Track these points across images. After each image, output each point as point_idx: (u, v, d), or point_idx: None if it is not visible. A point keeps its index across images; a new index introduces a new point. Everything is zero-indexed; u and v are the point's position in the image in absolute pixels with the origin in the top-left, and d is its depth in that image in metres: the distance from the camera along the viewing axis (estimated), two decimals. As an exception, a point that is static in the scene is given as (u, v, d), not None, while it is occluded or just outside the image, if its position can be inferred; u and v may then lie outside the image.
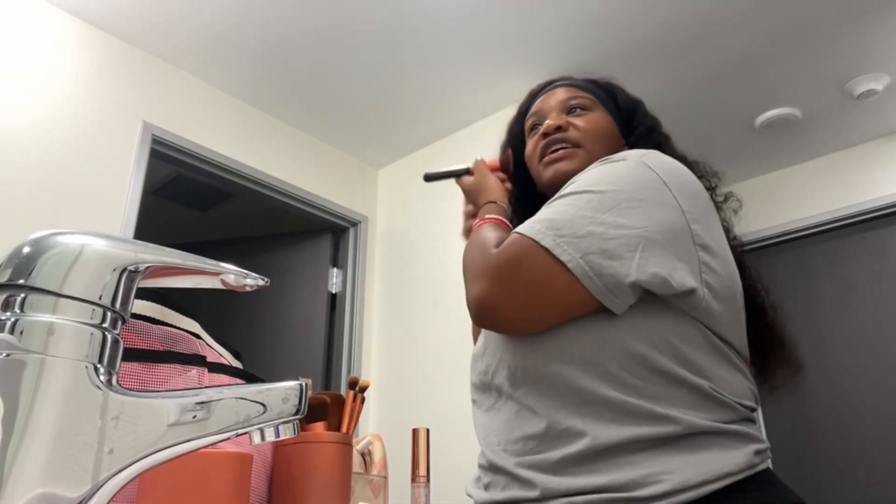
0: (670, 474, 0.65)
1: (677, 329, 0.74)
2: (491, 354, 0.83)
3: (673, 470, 0.66)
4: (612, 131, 0.97)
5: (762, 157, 3.36)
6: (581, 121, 0.95)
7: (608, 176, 0.79)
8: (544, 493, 0.70)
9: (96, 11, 2.37)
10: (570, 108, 0.97)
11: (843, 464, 2.96)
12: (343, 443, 0.83)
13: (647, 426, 0.68)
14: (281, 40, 2.52)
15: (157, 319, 0.77)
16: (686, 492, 0.64)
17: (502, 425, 0.79)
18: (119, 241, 0.38)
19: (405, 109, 2.93)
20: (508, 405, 0.79)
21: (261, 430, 0.39)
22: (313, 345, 2.95)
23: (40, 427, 0.32)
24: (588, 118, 0.96)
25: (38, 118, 2.20)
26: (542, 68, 2.66)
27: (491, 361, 0.83)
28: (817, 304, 3.22)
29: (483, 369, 0.84)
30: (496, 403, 0.82)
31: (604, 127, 0.96)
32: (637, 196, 0.76)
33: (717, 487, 0.65)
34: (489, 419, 0.82)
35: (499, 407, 0.81)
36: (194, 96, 2.68)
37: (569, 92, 0.99)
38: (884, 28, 2.47)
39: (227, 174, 2.72)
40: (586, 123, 0.95)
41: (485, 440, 0.83)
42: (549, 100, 1.00)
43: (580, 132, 0.94)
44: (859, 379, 3.01)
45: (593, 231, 0.74)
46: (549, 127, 0.94)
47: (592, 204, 0.76)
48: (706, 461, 0.67)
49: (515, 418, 0.77)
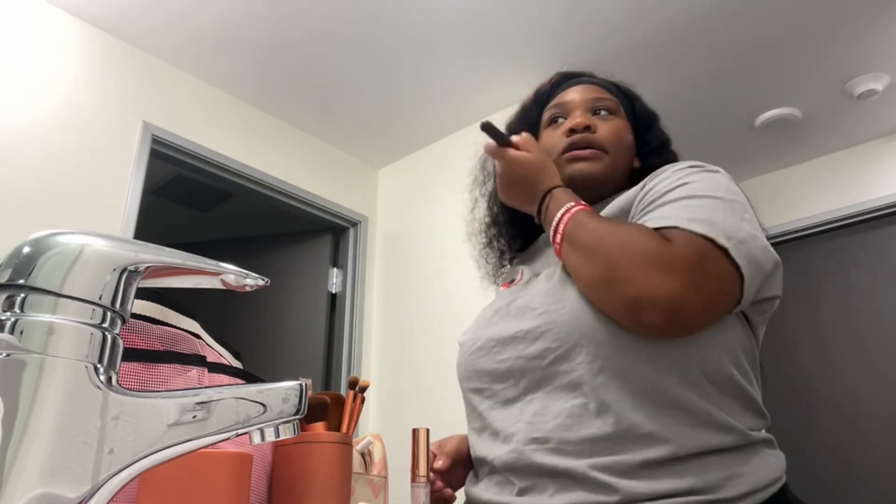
0: (742, 477, 0.69)
1: (741, 338, 0.78)
2: (554, 339, 0.77)
3: (742, 473, 0.70)
4: (631, 141, 0.97)
5: (762, 157, 3.36)
6: (607, 125, 0.94)
7: (720, 185, 0.80)
8: (626, 497, 0.68)
9: (96, 11, 2.37)
10: (596, 110, 0.96)
11: (843, 463, 2.96)
12: (343, 443, 0.83)
13: (719, 435, 0.72)
14: (281, 40, 2.52)
15: (157, 319, 0.77)
16: (759, 493, 0.69)
17: (548, 421, 0.75)
18: (119, 241, 0.38)
19: (405, 109, 2.93)
20: (564, 397, 0.75)
21: (261, 430, 0.39)
22: (313, 345, 2.95)
23: (40, 427, 0.32)
24: (613, 124, 0.95)
25: (38, 118, 2.20)
26: (543, 68, 2.65)
27: (554, 346, 0.76)
28: (817, 304, 3.22)
29: (532, 353, 0.78)
30: (526, 395, 0.79)
31: (625, 136, 0.96)
32: (749, 209, 0.79)
33: (776, 490, 0.71)
34: (512, 413, 0.79)
35: (533, 399, 0.78)
36: (194, 96, 2.68)
37: (596, 91, 0.97)
38: (884, 28, 2.47)
39: (227, 174, 2.72)
40: (612, 129, 0.94)
41: (503, 436, 0.79)
42: (573, 95, 0.98)
43: (607, 137, 0.93)
44: (859, 378, 3.01)
45: (746, 238, 0.74)
46: (579, 125, 0.92)
47: (730, 210, 0.76)
48: (763, 466, 0.72)
49: (579, 414, 0.73)
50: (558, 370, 0.76)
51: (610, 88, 1.00)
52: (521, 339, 0.80)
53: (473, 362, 0.86)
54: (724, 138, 3.17)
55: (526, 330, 0.80)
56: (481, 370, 0.85)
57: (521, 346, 0.80)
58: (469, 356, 0.88)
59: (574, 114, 0.95)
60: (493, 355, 0.83)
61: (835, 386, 3.07)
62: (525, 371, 0.79)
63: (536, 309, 0.81)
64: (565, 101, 0.98)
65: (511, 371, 0.81)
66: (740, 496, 0.67)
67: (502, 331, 0.84)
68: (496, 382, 0.83)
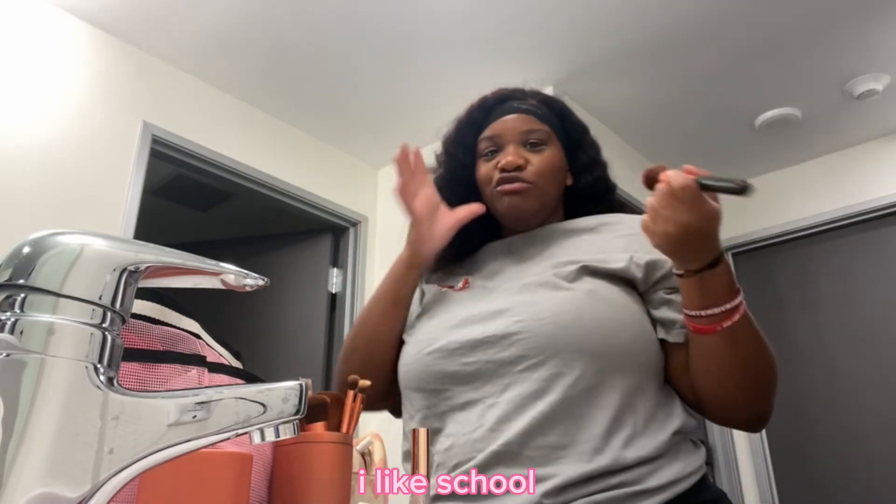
0: (664, 470, 0.83)
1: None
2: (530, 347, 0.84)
3: (665, 467, 0.84)
4: (563, 166, 1.01)
5: (762, 157, 3.36)
6: (538, 158, 0.97)
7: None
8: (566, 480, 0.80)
9: (96, 12, 2.37)
10: (528, 142, 0.99)
11: (842, 462, 2.96)
12: (343, 443, 0.83)
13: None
14: (281, 40, 2.52)
15: (157, 319, 0.77)
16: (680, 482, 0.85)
17: (511, 427, 0.85)
18: (119, 241, 0.38)
19: (405, 109, 2.92)
20: (529, 404, 0.84)
21: (261, 430, 0.39)
22: (313, 345, 2.95)
23: (40, 427, 0.32)
24: (544, 156, 0.98)
25: (37, 118, 2.20)
26: (543, 68, 2.66)
27: (530, 354, 0.85)
28: (817, 304, 3.22)
29: (505, 359, 0.86)
30: (489, 398, 0.87)
31: (557, 164, 0.99)
32: None
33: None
34: (473, 416, 0.87)
35: (496, 403, 0.87)
36: (194, 96, 2.68)
37: (528, 122, 0.99)
38: (884, 28, 2.47)
39: (227, 174, 2.72)
40: (543, 162, 0.97)
41: (461, 440, 0.85)
42: (506, 125, 1.00)
43: (536, 172, 0.96)
44: (859, 378, 3.01)
45: None
46: (509, 164, 0.96)
47: None
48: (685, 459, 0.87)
49: (542, 422, 0.85)
50: (530, 377, 0.81)
51: (540, 114, 1.01)
52: (491, 343, 0.84)
53: (431, 363, 0.89)
54: (724, 138, 3.17)
55: (500, 335, 0.84)
56: (440, 372, 0.87)
57: (490, 350, 0.84)
58: (426, 356, 0.90)
59: (506, 150, 0.98)
60: (457, 357, 0.86)
61: (834, 386, 3.07)
62: (493, 375, 0.83)
63: (512, 316, 0.85)
64: (497, 134, 1.00)
65: (478, 374, 0.84)
66: (664, 485, 0.78)
67: (469, 334, 0.86)
68: (457, 385, 0.86)
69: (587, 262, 0.89)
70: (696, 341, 0.81)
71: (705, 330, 0.78)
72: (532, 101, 1.03)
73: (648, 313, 0.88)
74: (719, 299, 0.76)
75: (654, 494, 0.76)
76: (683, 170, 0.75)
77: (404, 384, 0.94)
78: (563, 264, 0.90)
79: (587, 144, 1.05)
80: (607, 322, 0.83)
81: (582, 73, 2.69)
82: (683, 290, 0.79)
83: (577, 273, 0.88)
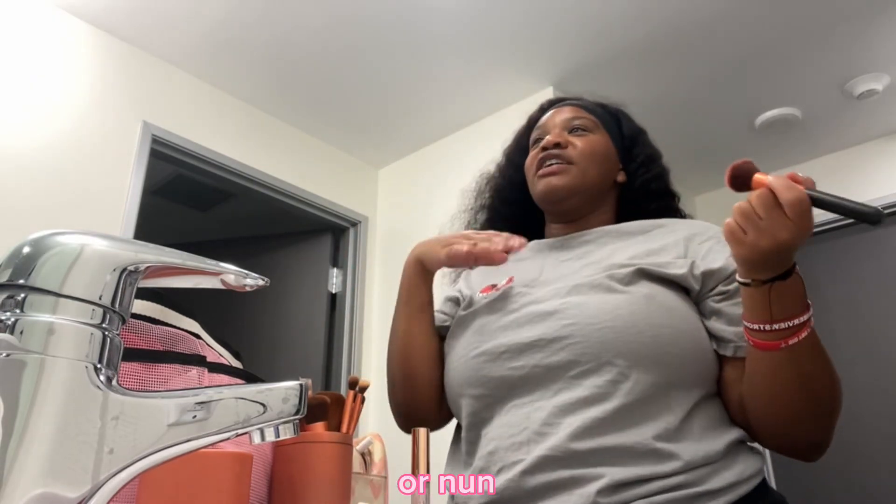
0: (726, 471, 0.81)
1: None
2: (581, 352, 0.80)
3: (727, 466, 0.81)
4: (609, 155, 1.01)
5: (762, 157, 3.36)
6: (580, 140, 0.99)
7: None
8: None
9: (96, 12, 2.37)
10: (573, 128, 1.01)
11: (842, 462, 2.96)
12: (343, 443, 0.83)
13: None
14: (281, 40, 2.52)
15: (157, 319, 0.77)
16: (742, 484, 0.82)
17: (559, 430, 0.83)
18: (119, 241, 0.38)
19: (405, 109, 2.93)
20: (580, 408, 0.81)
21: (261, 430, 0.39)
22: (313, 345, 2.95)
23: (40, 427, 0.32)
24: (587, 139, 0.99)
25: (37, 118, 2.20)
26: (543, 68, 2.66)
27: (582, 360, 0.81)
28: (818, 304, 3.18)
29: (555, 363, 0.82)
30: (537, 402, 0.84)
31: (600, 149, 0.99)
32: None
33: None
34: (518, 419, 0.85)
35: (542, 406, 0.85)
36: (194, 96, 2.68)
37: (574, 111, 1.02)
38: (884, 28, 2.47)
39: (227, 174, 2.72)
40: (584, 143, 0.98)
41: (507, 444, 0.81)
42: (554, 117, 1.03)
43: (577, 151, 0.97)
44: (860, 378, 3.01)
45: None
46: (549, 142, 0.98)
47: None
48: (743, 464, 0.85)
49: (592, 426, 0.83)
50: (581, 383, 0.77)
51: (591, 108, 1.04)
52: (541, 347, 0.80)
53: (478, 367, 0.85)
54: (724, 138, 3.17)
55: (550, 338, 0.80)
56: (487, 377, 0.84)
57: (539, 354, 0.80)
58: (472, 360, 0.86)
59: (551, 133, 1.00)
60: (505, 361, 0.82)
61: (835, 386, 3.07)
62: (543, 379, 0.79)
63: (562, 319, 0.81)
64: (545, 124, 1.04)
65: (527, 378, 0.81)
66: (725, 487, 0.74)
67: (517, 337, 0.83)
68: (505, 389, 0.82)
69: (644, 264, 0.84)
70: (756, 358, 0.74)
71: (768, 346, 0.71)
72: (585, 99, 1.07)
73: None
74: (788, 313, 0.70)
75: (716, 496, 0.72)
76: (788, 177, 0.67)
77: (450, 390, 0.90)
78: (617, 266, 0.85)
79: (643, 144, 1.05)
80: (664, 329, 0.78)
81: (582, 73, 2.69)
82: (747, 301, 0.72)
83: (632, 276, 0.83)
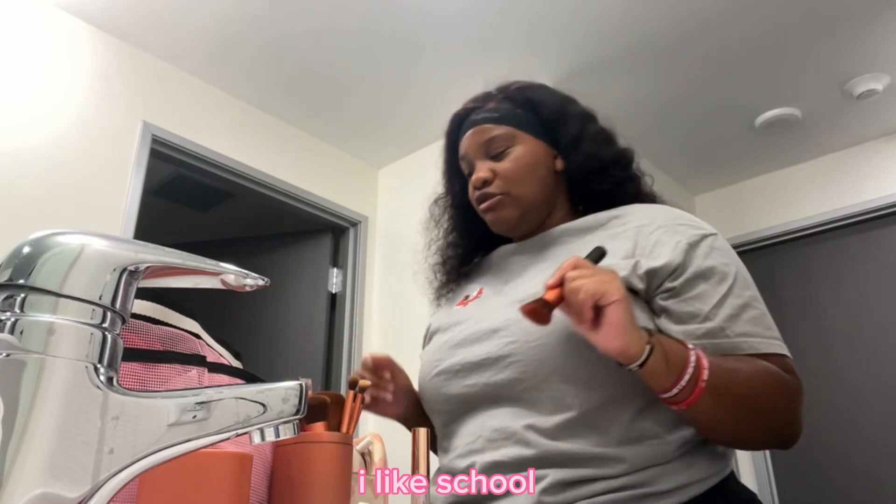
0: (668, 475, 0.80)
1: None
2: (523, 370, 0.82)
3: (668, 472, 0.81)
4: (538, 156, 0.95)
5: (762, 157, 3.36)
6: (504, 165, 0.94)
7: (733, 255, 0.85)
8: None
9: (97, 12, 2.37)
10: (493, 153, 0.95)
11: (843, 462, 2.96)
12: (343, 443, 0.83)
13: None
14: (281, 40, 2.52)
15: (157, 319, 0.77)
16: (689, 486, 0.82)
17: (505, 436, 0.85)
18: (119, 241, 0.38)
19: (405, 109, 2.92)
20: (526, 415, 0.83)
21: (261, 430, 0.39)
22: (313, 345, 2.95)
23: (40, 427, 0.32)
24: (511, 158, 0.94)
25: (37, 118, 2.20)
26: (543, 68, 2.66)
27: (524, 377, 0.83)
28: (817, 304, 3.22)
29: (501, 381, 0.84)
30: (488, 410, 0.86)
31: (528, 160, 0.94)
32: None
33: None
34: (473, 428, 0.88)
35: (495, 413, 0.86)
36: (194, 96, 2.68)
37: (484, 133, 0.96)
38: (884, 28, 2.47)
39: (227, 174, 2.72)
40: (510, 167, 0.93)
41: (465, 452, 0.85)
42: (470, 141, 0.98)
43: (504, 180, 0.93)
44: (860, 378, 3.01)
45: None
46: (477, 181, 0.95)
47: (756, 294, 0.82)
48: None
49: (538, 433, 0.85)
50: (528, 397, 0.80)
51: (498, 116, 0.96)
52: (488, 365, 0.83)
53: (439, 385, 0.89)
54: (724, 138, 3.17)
55: (495, 357, 0.82)
56: (448, 394, 0.88)
57: (488, 372, 0.83)
58: (433, 379, 0.90)
59: (476, 166, 0.97)
60: (459, 380, 0.86)
61: (835, 386, 3.07)
62: (495, 396, 0.83)
63: (504, 336, 0.83)
64: (466, 153, 0.99)
65: (480, 395, 0.84)
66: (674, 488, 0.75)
67: (468, 355, 0.86)
68: (464, 405, 0.86)
69: None
70: (686, 413, 0.74)
71: (689, 402, 0.71)
72: (491, 103, 0.99)
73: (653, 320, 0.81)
74: (666, 386, 0.71)
75: (663, 497, 0.72)
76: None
77: (423, 405, 0.96)
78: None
79: (570, 117, 0.97)
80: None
81: (582, 73, 2.69)
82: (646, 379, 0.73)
83: None
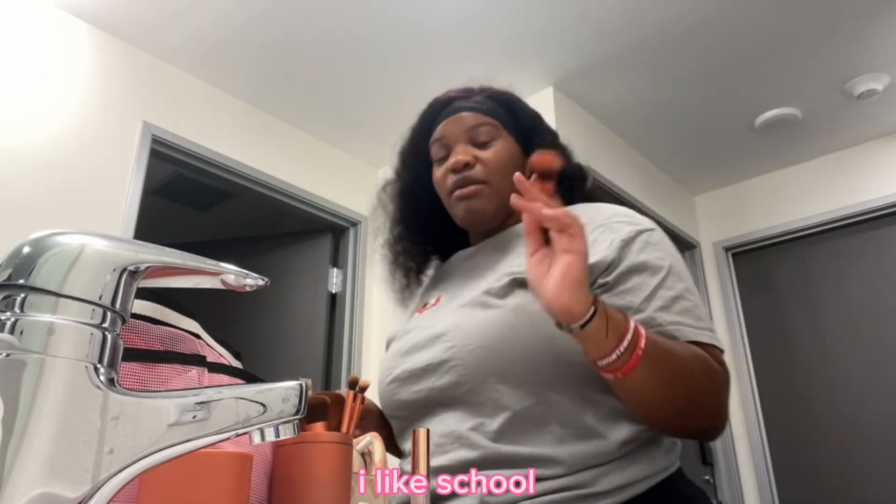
0: (610, 475, 0.81)
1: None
2: (462, 374, 0.83)
3: (609, 472, 0.81)
4: (514, 157, 0.96)
5: (762, 157, 3.36)
6: (488, 154, 0.94)
7: (669, 249, 0.85)
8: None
9: (96, 11, 2.37)
10: (478, 141, 0.95)
11: (843, 462, 2.96)
12: (343, 443, 0.83)
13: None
14: (281, 40, 2.52)
15: (157, 319, 0.77)
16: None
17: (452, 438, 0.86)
18: (119, 241, 0.38)
19: (405, 109, 2.92)
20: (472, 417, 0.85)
21: (261, 430, 0.39)
22: (313, 345, 2.95)
23: (40, 427, 0.32)
24: (494, 151, 0.94)
25: (37, 118, 2.20)
26: (543, 68, 2.66)
27: (463, 381, 0.84)
28: (817, 304, 3.22)
29: (443, 385, 0.86)
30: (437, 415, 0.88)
31: (508, 158, 0.95)
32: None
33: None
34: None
35: (444, 418, 0.87)
36: (194, 96, 2.68)
37: (472, 119, 0.96)
38: (884, 28, 2.47)
39: (227, 174, 2.72)
40: (493, 158, 0.94)
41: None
42: (453, 126, 0.97)
43: (487, 168, 0.93)
44: (859, 378, 3.01)
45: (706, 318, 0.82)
46: (458, 163, 0.93)
47: (690, 286, 0.82)
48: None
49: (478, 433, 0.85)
50: (469, 400, 0.81)
51: (486, 108, 0.97)
52: (431, 371, 0.85)
53: (392, 392, 0.90)
54: (724, 138, 3.17)
55: (437, 362, 0.84)
56: (400, 401, 0.89)
57: (431, 378, 0.84)
58: (387, 386, 0.92)
59: (455, 150, 0.95)
60: (408, 386, 0.87)
61: (835, 385, 3.07)
62: (440, 400, 0.84)
63: (445, 341, 0.84)
64: (445, 135, 0.97)
65: (427, 401, 0.85)
66: (613, 489, 0.74)
67: (415, 362, 0.87)
68: (414, 411, 0.88)
69: (518, 273, 0.82)
70: (617, 384, 0.72)
71: (625, 370, 0.69)
72: (478, 97, 1.00)
73: None
74: (604, 351, 0.68)
75: (602, 498, 0.73)
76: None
77: (384, 410, 0.97)
78: (499, 277, 0.84)
79: (543, 131, 1.00)
80: (532, 339, 0.77)
81: (582, 73, 2.69)
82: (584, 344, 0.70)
83: (507, 287, 0.82)
